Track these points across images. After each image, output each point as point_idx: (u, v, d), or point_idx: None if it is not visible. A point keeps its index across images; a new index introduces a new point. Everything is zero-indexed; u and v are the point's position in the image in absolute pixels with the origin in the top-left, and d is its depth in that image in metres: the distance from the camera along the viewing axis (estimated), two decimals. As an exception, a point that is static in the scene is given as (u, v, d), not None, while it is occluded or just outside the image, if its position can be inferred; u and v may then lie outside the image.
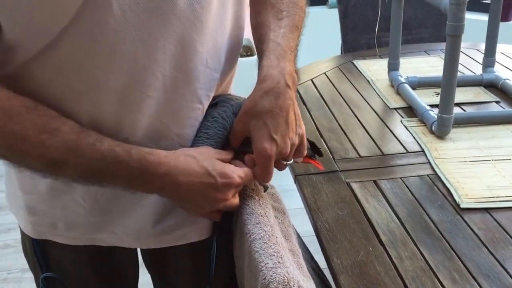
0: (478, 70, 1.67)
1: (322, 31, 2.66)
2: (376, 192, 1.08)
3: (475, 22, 2.38)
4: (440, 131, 1.28)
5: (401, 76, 1.58)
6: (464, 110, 1.44)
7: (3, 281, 1.99)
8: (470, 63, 1.77)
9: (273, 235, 0.70)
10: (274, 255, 0.66)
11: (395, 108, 1.47)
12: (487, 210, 1.02)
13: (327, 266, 0.91)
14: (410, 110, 1.44)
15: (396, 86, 1.55)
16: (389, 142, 1.29)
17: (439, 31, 2.22)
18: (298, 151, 0.80)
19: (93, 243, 0.85)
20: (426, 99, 1.47)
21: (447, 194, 1.07)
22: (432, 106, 1.38)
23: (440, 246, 0.93)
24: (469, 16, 1.23)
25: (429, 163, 1.18)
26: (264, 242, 0.68)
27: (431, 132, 1.31)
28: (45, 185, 0.80)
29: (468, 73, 1.68)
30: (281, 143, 0.73)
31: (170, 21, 0.69)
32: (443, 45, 1.35)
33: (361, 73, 1.73)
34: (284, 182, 1.13)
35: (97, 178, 0.70)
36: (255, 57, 0.82)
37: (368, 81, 1.66)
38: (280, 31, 0.78)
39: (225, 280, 0.91)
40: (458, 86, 1.27)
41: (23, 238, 0.92)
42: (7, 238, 2.19)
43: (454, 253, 0.91)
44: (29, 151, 0.66)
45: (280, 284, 0.61)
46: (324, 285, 0.86)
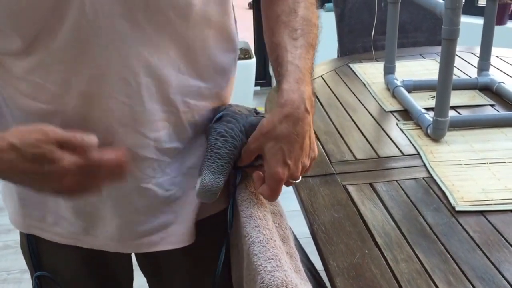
0: (473, 73, 1.68)
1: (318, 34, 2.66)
2: (372, 195, 1.09)
3: (470, 25, 2.39)
4: (435, 134, 1.29)
5: (397, 80, 1.58)
6: (459, 113, 1.45)
7: (3, 282, 2.00)
8: (465, 66, 1.78)
9: (271, 239, 0.71)
10: (272, 259, 0.66)
11: (391, 111, 1.47)
12: (482, 213, 1.03)
13: (323, 268, 0.91)
14: (406, 113, 1.45)
15: (392, 89, 1.56)
16: (385, 145, 1.29)
17: (434, 34, 2.23)
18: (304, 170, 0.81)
19: (76, 244, 0.86)
20: (421, 102, 1.48)
21: (443, 197, 1.08)
22: (427, 109, 1.39)
23: (436, 248, 0.93)
24: (464, 19, 1.24)
25: (425, 166, 1.19)
26: (263, 246, 0.69)
27: (427, 135, 1.31)
28: None
29: (463, 76, 1.69)
30: (293, 168, 0.74)
31: (142, 26, 0.70)
32: (438, 49, 1.36)
33: (357, 76, 1.73)
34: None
35: None
36: (253, 60, 0.82)
37: (364, 84, 1.66)
38: (297, 52, 0.78)
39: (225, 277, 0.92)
40: (453, 89, 1.28)
41: (21, 238, 0.92)
42: (7, 239, 2.20)
43: (449, 256, 0.91)
44: None
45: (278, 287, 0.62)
46: (321, 288, 0.86)
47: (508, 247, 0.93)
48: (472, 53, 1.89)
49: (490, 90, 1.56)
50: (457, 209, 1.03)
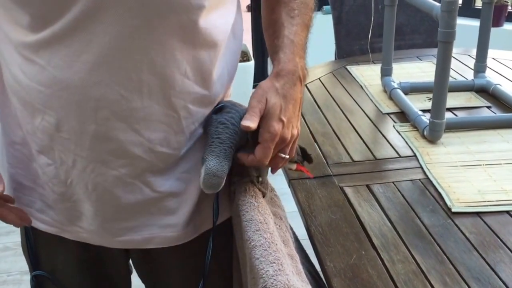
0: (469, 75, 1.69)
1: (316, 36, 2.66)
2: (368, 196, 1.09)
3: (466, 27, 2.40)
4: (432, 136, 1.30)
5: (394, 82, 1.59)
6: (456, 115, 1.45)
7: (3, 283, 2.00)
8: (461, 68, 1.79)
9: (273, 242, 0.71)
10: (274, 263, 0.67)
11: (387, 113, 1.48)
12: (478, 214, 1.03)
13: (320, 269, 0.92)
14: (403, 115, 1.46)
15: (388, 91, 1.57)
16: (382, 147, 1.30)
17: (431, 37, 2.24)
18: (291, 150, 0.82)
19: (60, 234, 0.86)
20: (418, 104, 1.48)
21: (439, 198, 1.08)
22: (424, 111, 1.39)
23: (432, 249, 0.94)
24: (460, 21, 1.25)
25: (421, 167, 1.20)
26: (264, 249, 0.69)
27: (423, 136, 1.32)
28: (30, 156, 0.81)
29: (459, 78, 1.70)
30: (286, 126, 0.77)
31: (152, 23, 0.70)
32: (435, 51, 1.37)
33: (355, 79, 1.74)
34: (278, 186, 1.13)
35: None
36: (251, 62, 0.84)
37: (361, 86, 1.67)
38: (293, 28, 0.83)
39: (224, 274, 0.93)
40: (449, 91, 1.28)
41: (22, 238, 0.93)
42: (7, 240, 2.19)
43: (445, 257, 0.92)
44: None
45: None
46: (319, 289, 0.87)
47: (504, 248, 0.94)
48: (469, 55, 1.90)
49: (487, 92, 1.57)
50: (453, 210, 1.04)
